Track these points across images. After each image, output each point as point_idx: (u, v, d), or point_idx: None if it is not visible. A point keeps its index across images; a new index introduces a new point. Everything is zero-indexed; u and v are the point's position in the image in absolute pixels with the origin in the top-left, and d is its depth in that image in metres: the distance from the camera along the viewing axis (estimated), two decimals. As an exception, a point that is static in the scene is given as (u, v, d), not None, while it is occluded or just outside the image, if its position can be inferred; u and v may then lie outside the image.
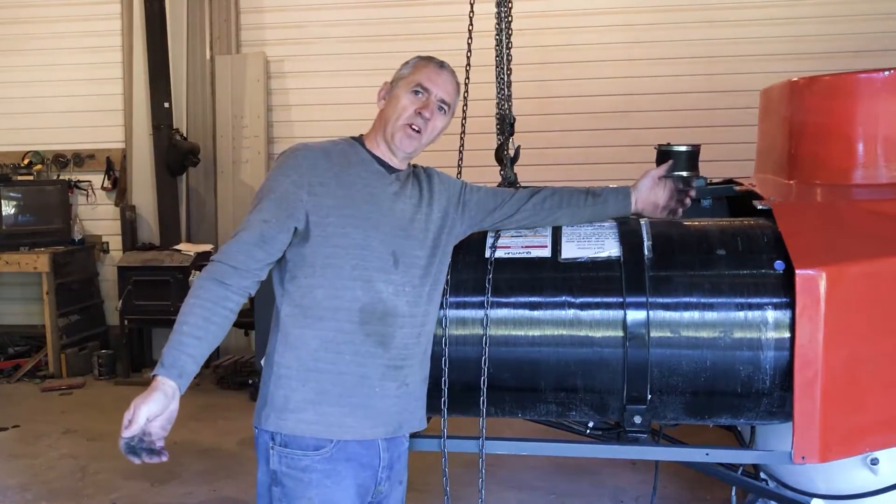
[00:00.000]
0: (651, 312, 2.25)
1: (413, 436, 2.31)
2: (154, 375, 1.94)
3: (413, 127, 2.16)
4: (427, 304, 2.20)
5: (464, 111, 2.70)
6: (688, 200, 2.43)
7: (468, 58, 2.51)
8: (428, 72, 2.19)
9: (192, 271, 6.03)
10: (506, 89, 3.13)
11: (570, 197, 2.40)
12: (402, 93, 2.18)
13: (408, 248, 2.16)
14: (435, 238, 2.23)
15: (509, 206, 2.37)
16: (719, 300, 2.23)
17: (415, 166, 2.32)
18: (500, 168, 3.04)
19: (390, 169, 2.20)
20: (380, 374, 2.10)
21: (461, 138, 2.50)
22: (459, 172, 2.54)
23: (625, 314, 2.25)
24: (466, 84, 2.57)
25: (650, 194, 2.42)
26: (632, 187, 2.43)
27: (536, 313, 2.30)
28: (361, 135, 2.28)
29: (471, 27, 2.54)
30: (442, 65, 2.23)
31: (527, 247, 2.41)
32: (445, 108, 2.21)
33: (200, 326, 1.98)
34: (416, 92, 2.17)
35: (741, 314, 2.21)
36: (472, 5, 2.58)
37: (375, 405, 2.10)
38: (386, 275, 2.11)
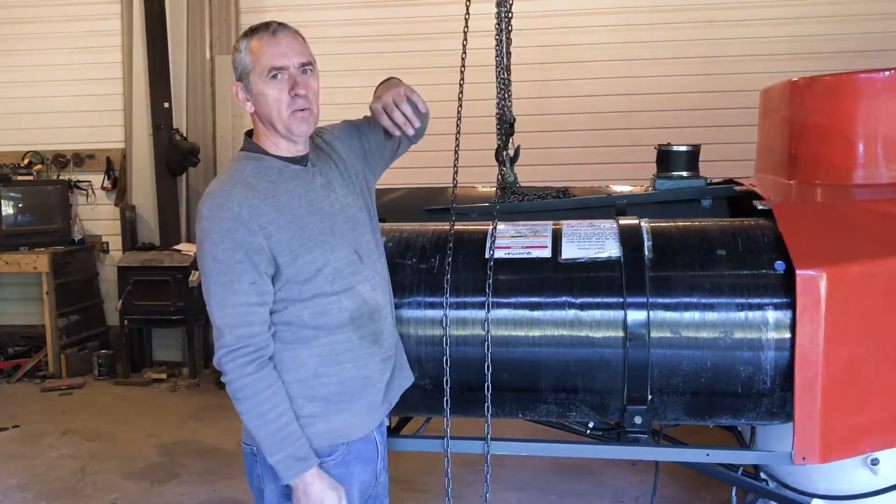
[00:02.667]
0: (651, 313, 2.25)
1: (415, 436, 2.32)
2: (297, 475, 1.96)
3: (300, 110, 2.02)
4: (387, 282, 2.22)
5: (458, 112, 2.69)
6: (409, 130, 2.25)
7: (463, 59, 2.51)
8: (268, 49, 1.99)
9: (192, 271, 6.03)
10: (506, 89, 3.13)
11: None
12: (262, 87, 2.00)
13: (360, 237, 2.13)
14: (368, 210, 2.20)
15: (380, 133, 2.30)
16: (720, 300, 2.23)
17: (311, 138, 2.16)
18: (499, 168, 3.04)
19: (302, 160, 2.09)
20: (378, 368, 2.14)
21: (456, 138, 2.49)
22: (456, 172, 2.53)
23: (625, 314, 2.25)
24: (460, 84, 2.56)
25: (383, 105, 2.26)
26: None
27: (537, 314, 2.30)
28: (250, 139, 2.12)
29: (466, 29, 2.53)
30: (274, 32, 2.02)
31: (527, 247, 2.41)
32: (309, 67, 2.06)
33: (287, 410, 1.98)
34: (274, 76, 1.99)
35: (741, 314, 2.21)
36: (467, 7, 2.57)
37: (375, 399, 2.14)
38: (359, 274, 2.09)
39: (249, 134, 2.14)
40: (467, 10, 2.55)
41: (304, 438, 1.98)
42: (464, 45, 2.50)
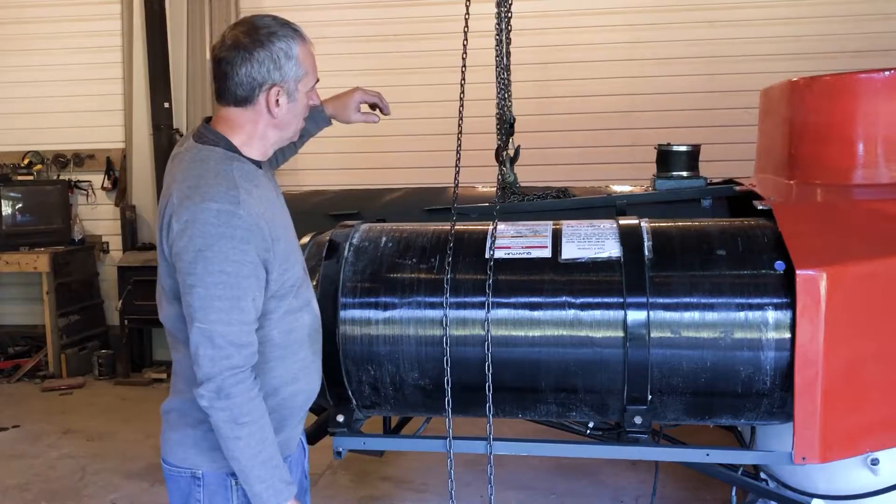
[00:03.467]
0: (651, 313, 2.25)
1: (416, 436, 2.33)
2: (286, 500, 1.83)
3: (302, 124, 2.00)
4: None
5: (460, 111, 2.70)
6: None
7: (464, 59, 2.51)
8: (312, 61, 1.93)
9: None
10: (506, 89, 3.13)
11: None
12: (303, 99, 1.92)
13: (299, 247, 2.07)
14: None
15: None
16: (720, 300, 2.23)
17: None
18: (499, 168, 3.04)
19: (262, 165, 1.96)
20: (318, 380, 2.09)
21: (458, 138, 2.49)
22: (457, 172, 2.53)
23: (625, 314, 2.25)
24: (461, 84, 2.56)
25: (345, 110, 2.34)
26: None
27: (537, 314, 2.30)
28: (218, 133, 1.90)
29: (466, 29, 2.53)
30: (308, 40, 1.93)
31: (527, 247, 2.41)
32: None
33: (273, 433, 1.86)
34: (313, 89, 1.96)
35: (741, 314, 2.21)
36: (467, 7, 2.57)
37: (306, 410, 2.09)
38: (308, 284, 2.04)
39: (208, 120, 1.94)
40: (467, 10, 2.55)
41: (274, 461, 1.82)
42: (464, 46, 2.50)
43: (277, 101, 1.86)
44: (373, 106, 2.40)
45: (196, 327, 1.76)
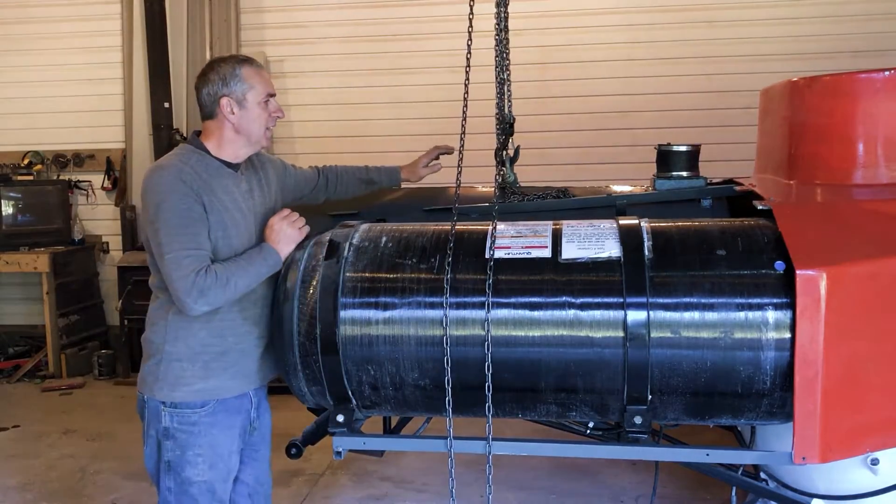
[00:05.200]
0: (651, 313, 2.24)
1: (416, 436, 2.34)
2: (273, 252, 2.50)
3: (270, 129, 2.61)
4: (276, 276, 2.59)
5: (464, 111, 2.70)
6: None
7: (468, 58, 2.51)
8: (264, 78, 2.57)
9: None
10: (505, 89, 3.13)
11: (348, 172, 3.03)
12: (255, 108, 2.53)
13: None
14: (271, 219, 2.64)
15: (307, 188, 2.94)
16: (720, 300, 2.23)
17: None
18: (499, 168, 3.04)
19: (236, 167, 2.58)
20: (254, 345, 2.58)
21: (461, 138, 2.49)
22: (459, 172, 2.53)
23: (625, 314, 2.25)
24: (465, 84, 2.56)
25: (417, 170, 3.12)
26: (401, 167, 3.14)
27: (537, 314, 2.30)
28: (196, 137, 2.57)
29: (470, 28, 2.53)
30: (258, 65, 2.60)
31: (527, 247, 2.40)
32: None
33: (231, 265, 2.44)
34: (266, 101, 2.55)
35: (741, 314, 2.21)
36: (471, 7, 2.57)
37: (250, 368, 2.59)
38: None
39: (197, 134, 2.60)
40: (471, 10, 2.55)
41: (247, 254, 2.48)
42: (468, 46, 2.51)
43: (232, 109, 2.51)
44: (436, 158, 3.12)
45: (165, 259, 2.36)
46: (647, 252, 2.33)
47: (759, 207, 2.47)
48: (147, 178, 2.45)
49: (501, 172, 3.06)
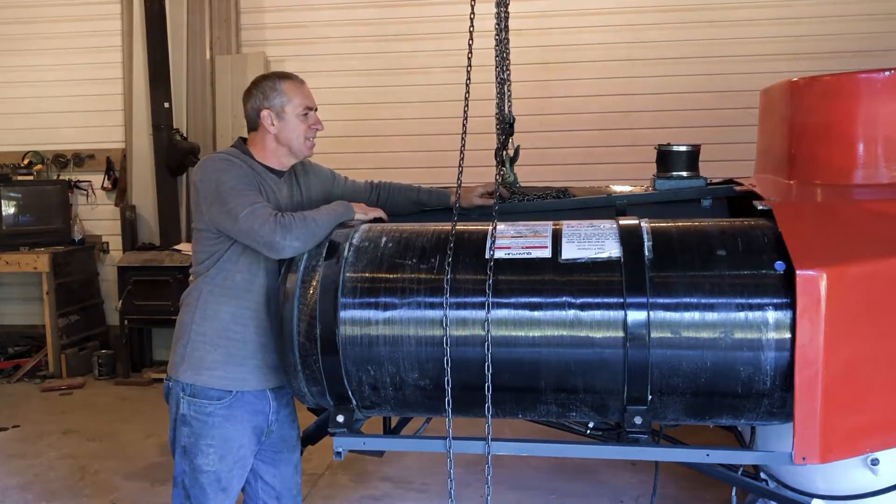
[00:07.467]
0: (651, 313, 2.24)
1: (416, 436, 2.33)
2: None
3: (310, 140, 2.75)
4: None
5: (465, 111, 2.70)
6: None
7: (469, 58, 2.51)
8: (303, 92, 2.72)
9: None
10: (506, 89, 3.13)
11: (401, 191, 3.10)
12: (293, 119, 2.70)
13: None
14: None
15: (358, 200, 2.91)
16: (720, 301, 2.23)
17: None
18: (499, 168, 3.04)
19: (280, 174, 2.74)
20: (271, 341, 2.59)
21: (462, 139, 2.49)
22: (461, 172, 2.53)
23: (625, 315, 2.25)
24: (466, 84, 2.56)
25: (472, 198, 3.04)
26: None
27: (537, 314, 2.30)
28: (243, 143, 2.74)
29: (471, 28, 2.53)
30: (299, 80, 2.76)
31: (527, 247, 2.40)
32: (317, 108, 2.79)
33: (309, 215, 2.53)
34: (305, 114, 2.71)
35: (742, 315, 2.21)
36: (472, 6, 2.57)
37: (269, 365, 2.64)
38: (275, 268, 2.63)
39: (244, 140, 2.75)
40: (472, 9, 2.55)
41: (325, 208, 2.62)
42: (470, 45, 2.50)
43: (272, 121, 2.68)
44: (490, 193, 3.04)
45: (240, 218, 2.47)
46: (647, 252, 2.33)
47: (759, 207, 2.47)
48: (200, 166, 2.64)
49: (501, 172, 3.06)
